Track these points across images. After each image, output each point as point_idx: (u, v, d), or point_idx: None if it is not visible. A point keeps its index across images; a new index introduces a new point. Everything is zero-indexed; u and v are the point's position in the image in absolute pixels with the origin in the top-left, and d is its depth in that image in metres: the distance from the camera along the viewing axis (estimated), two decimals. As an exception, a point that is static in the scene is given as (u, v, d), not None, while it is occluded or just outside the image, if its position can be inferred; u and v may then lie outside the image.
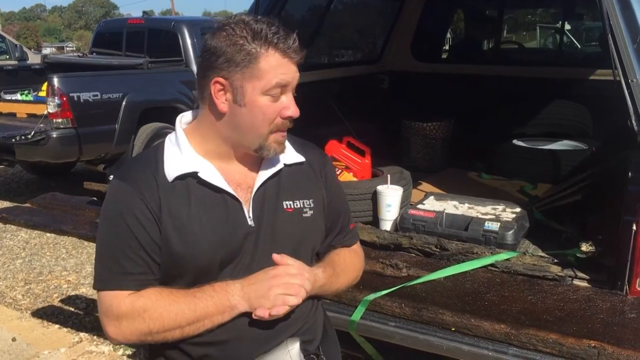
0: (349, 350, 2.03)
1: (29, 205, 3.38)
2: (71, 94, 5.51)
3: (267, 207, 1.34)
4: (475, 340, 1.77)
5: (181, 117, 1.38)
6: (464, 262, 2.15)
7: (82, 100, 5.61)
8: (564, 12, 5.50)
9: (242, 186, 1.33)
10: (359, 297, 1.95)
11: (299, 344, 1.33)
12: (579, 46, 7.22)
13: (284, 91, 1.27)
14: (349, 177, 2.94)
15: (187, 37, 6.80)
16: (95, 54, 7.86)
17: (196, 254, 1.26)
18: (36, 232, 5.01)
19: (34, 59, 9.02)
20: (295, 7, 3.71)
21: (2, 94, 6.70)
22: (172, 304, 1.23)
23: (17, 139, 5.43)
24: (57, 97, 5.43)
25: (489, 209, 2.57)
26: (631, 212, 1.85)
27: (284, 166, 1.39)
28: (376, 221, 2.60)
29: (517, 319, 1.78)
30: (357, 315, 1.93)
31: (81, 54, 8.66)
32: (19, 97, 6.71)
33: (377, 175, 2.90)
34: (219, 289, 1.25)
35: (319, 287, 1.37)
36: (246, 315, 1.26)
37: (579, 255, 2.09)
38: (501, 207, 2.57)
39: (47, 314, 3.79)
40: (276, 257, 1.30)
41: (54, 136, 5.47)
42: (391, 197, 2.54)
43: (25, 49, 9.55)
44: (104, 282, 1.28)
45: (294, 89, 1.30)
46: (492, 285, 2.02)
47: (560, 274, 2.05)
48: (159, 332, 1.24)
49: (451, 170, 3.64)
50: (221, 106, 1.26)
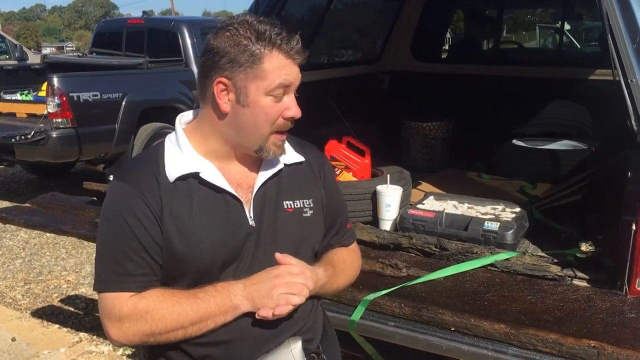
0: (349, 350, 2.03)
1: (28, 205, 3.38)
2: (71, 94, 5.51)
3: (267, 207, 1.34)
4: (474, 340, 1.77)
5: (180, 117, 1.38)
6: (463, 262, 2.16)
7: (81, 100, 5.61)
8: (564, 12, 5.50)
9: (242, 186, 1.33)
10: (359, 297, 1.95)
11: (301, 343, 1.33)
12: (579, 46, 7.22)
13: (286, 92, 1.28)
14: (348, 177, 2.94)
15: (187, 37, 6.80)
16: (95, 53, 7.86)
17: (198, 254, 1.26)
18: (36, 232, 5.01)
19: (34, 59, 9.03)
20: (295, 6, 3.70)
21: (2, 94, 6.70)
22: (175, 305, 1.23)
23: (17, 138, 5.42)
24: (56, 97, 5.43)
25: (488, 208, 2.57)
26: (631, 212, 1.85)
27: (284, 166, 1.39)
28: (376, 221, 2.60)
29: (517, 318, 1.78)
30: (357, 315, 1.93)
31: (81, 54, 8.66)
32: (18, 97, 6.71)
33: (377, 175, 2.90)
34: (221, 289, 1.25)
35: (320, 286, 1.37)
36: (248, 315, 1.26)
37: (578, 255, 2.09)
38: (501, 207, 2.57)
39: (46, 314, 3.78)
40: (279, 256, 1.29)
41: (54, 136, 5.47)
42: (391, 197, 2.54)
43: (25, 49, 9.56)
44: (105, 283, 1.27)
45: (295, 90, 1.30)
46: (492, 285, 2.02)
47: (559, 274, 2.05)
48: (162, 333, 1.23)
49: (451, 170, 3.64)
50: (224, 106, 1.26)
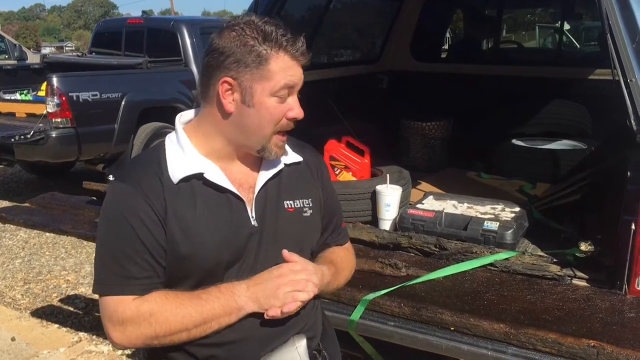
0: (349, 349, 2.03)
1: (28, 204, 3.37)
2: (70, 94, 5.51)
3: (269, 207, 1.35)
4: (474, 339, 1.77)
5: (180, 117, 1.37)
6: (463, 261, 2.16)
7: (81, 99, 5.60)
8: (563, 12, 5.50)
9: (244, 186, 1.34)
10: (358, 296, 1.95)
11: (306, 341, 1.34)
12: (578, 46, 7.22)
13: (290, 93, 1.29)
14: (348, 176, 2.94)
15: (187, 37, 6.79)
16: (94, 53, 7.85)
17: (202, 254, 1.26)
18: (35, 231, 5.01)
19: (33, 59, 9.04)
20: (294, 6, 3.70)
21: (1, 94, 6.69)
22: (179, 307, 1.22)
23: (17, 138, 5.42)
24: (56, 97, 5.42)
25: (488, 208, 2.57)
26: (630, 212, 1.85)
27: (284, 166, 1.40)
28: (375, 221, 2.60)
29: (516, 318, 1.78)
30: (357, 314, 1.94)
31: (80, 54, 8.65)
32: (18, 96, 6.71)
33: (376, 174, 2.90)
34: (225, 290, 1.24)
35: (326, 284, 1.38)
36: (252, 315, 1.26)
37: (578, 254, 2.09)
38: (500, 207, 2.57)
39: (46, 314, 3.78)
40: (286, 253, 1.30)
41: (53, 136, 5.46)
42: (390, 196, 2.54)
43: (24, 49, 9.58)
44: (107, 286, 1.26)
45: (298, 91, 1.31)
46: (491, 284, 2.02)
47: (559, 274, 2.05)
48: (166, 335, 1.23)
49: (450, 169, 3.64)
50: (228, 106, 1.26)
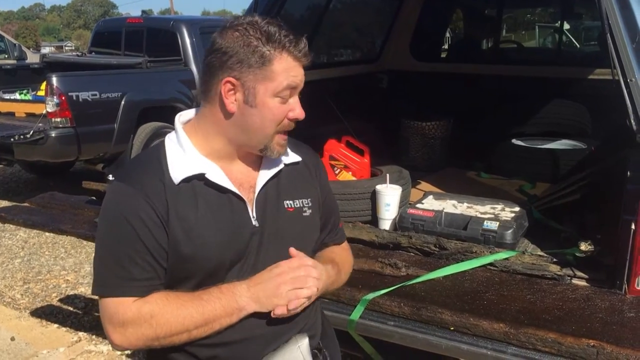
0: (348, 349, 2.03)
1: (27, 204, 3.37)
2: (70, 93, 5.51)
3: (269, 206, 1.35)
4: (474, 339, 1.77)
5: (179, 116, 1.37)
6: (462, 261, 2.16)
7: (80, 99, 5.60)
8: (563, 12, 5.50)
9: (244, 186, 1.34)
10: (358, 296, 1.95)
11: (308, 340, 1.35)
12: (578, 45, 7.22)
13: (292, 93, 1.29)
14: (347, 176, 2.94)
15: (186, 37, 6.79)
16: (94, 53, 7.86)
17: (205, 255, 1.26)
18: (35, 231, 5.01)
19: (33, 58, 9.04)
20: (294, 6, 3.70)
21: (1, 93, 6.69)
22: (180, 308, 1.22)
23: (16, 138, 5.42)
24: (55, 97, 5.42)
25: (487, 208, 2.57)
26: (630, 211, 1.85)
27: (284, 166, 1.40)
28: (375, 220, 2.60)
29: (516, 318, 1.78)
30: (356, 314, 1.93)
31: (80, 53, 8.65)
32: (17, 96, 6.71)
33: (376, 174, 2.90)
34: (225, 291, 1.24)
35: (331, 282, 1.40)
36: (253, 315, 1.26)
37: (577, 254, 2.09)
38: (500, 207, 2.57)
39: (45, 314, 3.78)
40: (293, 251, 1.31)
41: (53, 135, 5.46)
42: (390, 196, 2.54)
43: (24, 48, 9.58)
44: (108, 288, 1.25)
45: (299, 91, 1.32)
46: (491, 284, 2.02)
47: (559, 273, 2.05)
48: (166, 336, 1.23)
49: (450, 169, 3.64)
50: (230, 106, 1.26)
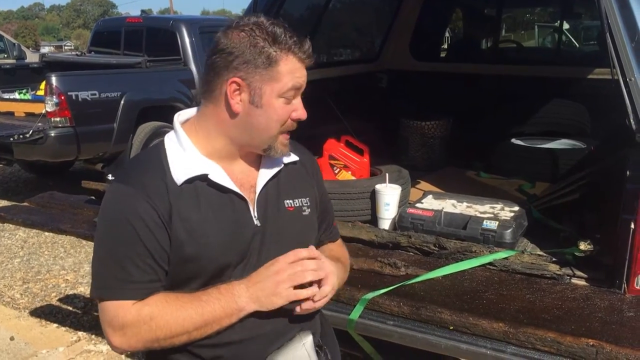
0: (348, 349, 2.03)
1: (27, 204, 3.37)
2: (69, 93, 5.50)
3: (270, 206, 1.36)
4: (473, 338, 1.77)
5: (178, 116, 1.37)
6: (462, 260, 2.16)
7: (80, 99, 5.60)
8: (563, 11, 5.50)
9: (245, 186, 1.34)
10: (358, 296, 1.95)
11: (312, 337, 1.35)
12: (578, 45, 7.22)
13: (296, 94, 1.30)
14: (347, 175, 2.94)
15: (186, 36, 6.79)
16: (93, 52, 7.85)
17: (209, 255, 1.25)
18: (34, 231, 5.01)
19: (32, 58, 9.02)
20: (293, 5, 3.70)
21: (0, 93, 6.69)
22: (179, 309, 1.22)
23: (15, 137, 5.42)
24: (55, 96, 5.42)
25: (487, 207, 2.57)
26: (629, 211, 1.85)
27: (283, 165, 1.41)
28: (374, 220, 2.60)
29: (516, 317, 1.78)
30: (356, 314, 1.93)
31: (79, 53, 8.64)
32: (17, 96, 6.71)
33: (376, 174, 2.90)
34: (224, 292, 1.24)
35: (341, 279, 1.42)
36: (256, 314, 1.26)
37: (577, 253, 2.09)
38: (499, 206, 2.57)
39: (45, 313, 3.78)
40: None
41: (52, 135, 5.46)
42: (390, 195, 2.54)
43: (23, 48, 9.56)
44: (107, 290, 1.24)
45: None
46: (491, 283, 2.02)
47: (558, 273, 2.05)
48: (166, 338, 1.22)
49: (450, 169, 3.64)
50: (236, 106, 1.26)
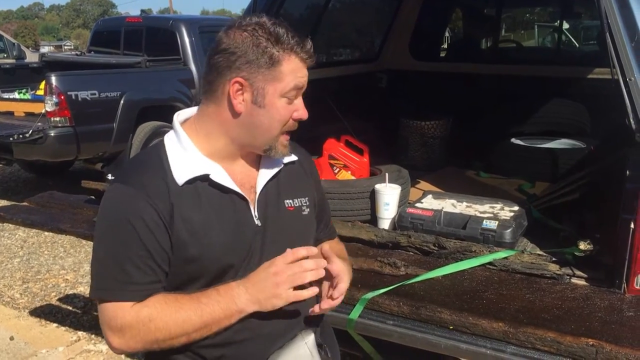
0: (347, 348, 2.03)
1: (26, 203, 3.37)
2: (69, 93, 5.50)
3: (270, 206, 1.36)
4: (473, 338, 1.77)
5: (177, 115, 1.36)
6: (462, 260, 2.16)
7: (80, 98, 5.60)
8: (562, 11, 5.50)
9: (245, 186, 1.34)
10: (357, 295, 1.95)
11: (313, 336, 1.36)
12: (577, 45, 7.22)
13: (297, 94, 1.30)
14: (347, 175, 2.94)
15: (185, 36, 6.79)
16: (93, 52, 7.85)
17: (211, 255, 1.25)
18: (34, 230, 5.01)
19: (32, 58, 9.02)
20: (293, 5, 3.70)
21: (0, 93, 6.69)
22: (178, 311, 1.21)
23: (15, 137, 5.42)
24: (54, 96, 5.42)
25: (487, 207, 2.57)
26: (629, 210, 1.86)
27: (283, 165, 1.41)
28: (374, 220, 2.60)
29: (515, 317, 1.78)
30: (355, 313, 1.93)
31: (79, 53, 8.63)
32: (16, 95, 6.71)
33: (375, 173, 2.90)
34: (224, 293, 1.23)
35: (350, 276, 1.42)
36: (258, 314, 1.26)
37: (577, 253, 2.09)
38: (499, 206, 2.57)
39: (45, 313, 3.78)
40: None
41: (52, 135, 5.46)
42: (389, 195, 2.54)
43: (23, 48, 9.56)
44: (108, 292, 1.24)
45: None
46: (490, 283, 2.02)
47: (558, 272, 2.05)
48: (165, 340, 1.22)
49: (449, 168, 3.64)
50: (238, 106, 1.26)
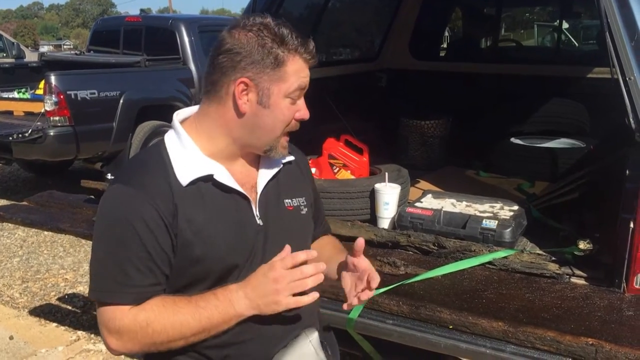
0: (347, 348, 2.03)
1: (26, 203, 3.37)
2: (68, 92, 5.49)
3: (271, 205, 1.36)
4: (473, 337, 1.77)
5: (177, 115, 1.36)
6: (461, 260, 2.16)
7: (79, 98, 5.59)
8: (562, 10, 5.50)
9: (246, 186, 1.34)
10: (357, 295, 1.95)
11: (317, 334, 1.37)
12: (577, 44, 7.22)
13: (300, 94, 1.30)
14: (346, 174, 2.94)
15: (185, 35, 6.78)
16: (92, 52, 7.85)
17: (217, 256, 1.25)
18: (33, 230, 5.01)
19: (31, 57, 9.00)
20: (293, 4, 3.70)
21: (-1, 92, 6.69)
22: (176, 314, 1.21)
23: (15, 137, 5.41)
24: (54, 95, 5.41)
25: (486, 206, 2.57)
26: (628, 210, 1.86)
27: (282, 165, 1.41)
28: (374, 219, 2.60)
29: (515, 316, 1.78)
30: (355, 313, 1.93)
31: (78, 52, 8.63)
32: (16, 95, 6.69)
33: (375, 173, 2.90)
34: (222, 298, 1.23)
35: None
36: (258, 316, 1.25)
37: (576, 252, 2.09)
38: (499, 205, 2.57)
39: (44, 312, 3.78)
40: (288, 249, 1.30)
41: (51, 134, 5.45)
42: (389, 195, 2.54)
43: (22, 47, 9.54)
44: (107, 293, 1.23)
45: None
46: (490, 283, 2.02)
47: (557, 272, 2.05)
48: (163, 343, 1.22)
49: (449, 168, 3.64)
50: (243, 107, 1.26)
